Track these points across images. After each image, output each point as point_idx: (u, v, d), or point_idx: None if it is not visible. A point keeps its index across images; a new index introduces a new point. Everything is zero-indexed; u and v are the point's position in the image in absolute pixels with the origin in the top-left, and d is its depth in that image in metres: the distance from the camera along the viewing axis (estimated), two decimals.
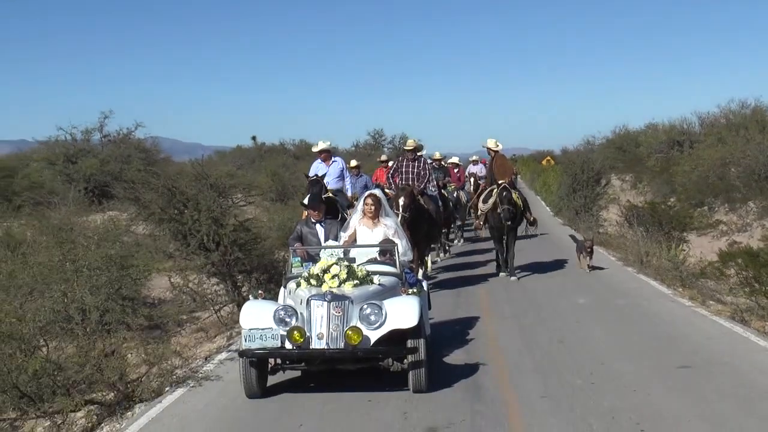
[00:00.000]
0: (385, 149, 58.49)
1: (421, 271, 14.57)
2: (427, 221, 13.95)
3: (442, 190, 18.34)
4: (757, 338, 9.86)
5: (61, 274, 10.17)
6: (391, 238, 9.43)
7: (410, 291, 8.25)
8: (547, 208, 33.39)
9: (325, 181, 14.23)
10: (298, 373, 8.56)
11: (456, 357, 9.29)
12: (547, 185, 38.24)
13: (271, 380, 8.23)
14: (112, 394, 8.06)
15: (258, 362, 7.85)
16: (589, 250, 15.97)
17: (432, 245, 16.19)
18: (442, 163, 21.58)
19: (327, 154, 15.04)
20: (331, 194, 13.93)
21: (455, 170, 22.33)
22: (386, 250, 9.19)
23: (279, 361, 8.01)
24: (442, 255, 18.79)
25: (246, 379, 7.86)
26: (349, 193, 15.10)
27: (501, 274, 15.75)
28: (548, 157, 55.25)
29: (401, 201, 13.16)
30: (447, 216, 18.29)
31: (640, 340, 9.98)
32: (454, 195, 20.84)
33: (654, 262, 15.71)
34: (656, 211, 18.48)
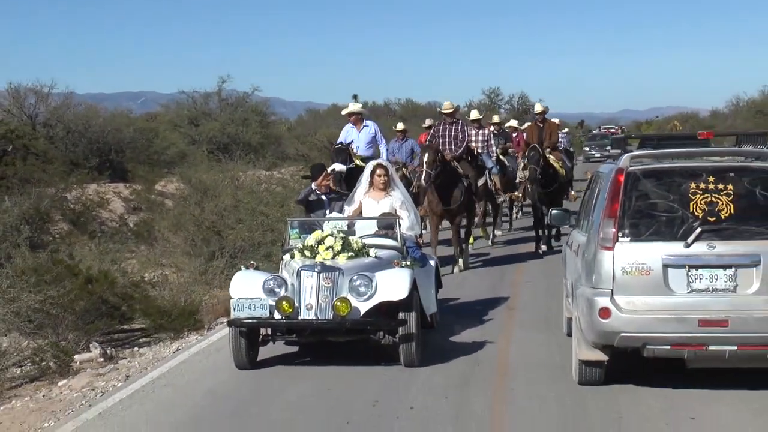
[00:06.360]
0: (502, 110, 54.95)
1: (470, 246, 13.57)
2: (462, 190, 12.86)
3: (501, 156, 17.02)
4: None
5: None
6: (397, 210, 9.14)
7: (403, 264, 8.00)
8: None
9: (354, 146, 13.22)
10: (295, 349, 8.48)
11: (463, 336, 9.01)
12: None
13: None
14: None
15: (248, 332, 7.77)
16: None
17: (473, 221, 14.56)
18: (503, 127, 19.85)
19: (357, 117, 13.76)
20: (360, 162, 12.67)
21: (514, 135, 19.74)
22: (387, 222, 8.93)
23: (269, 331, 7.92)
24: (497, 232, 17.00)
25: (235, 349, 7.79)
26: (383, 158, 13.19)
27: (541, 250, 14.58)
28: (675, 122, 54.62)
29: (425, 157, 12.28)
30: (507, 183, 16.67)
31: None
32: (516, 161, 18.21)
33: None
34: None
